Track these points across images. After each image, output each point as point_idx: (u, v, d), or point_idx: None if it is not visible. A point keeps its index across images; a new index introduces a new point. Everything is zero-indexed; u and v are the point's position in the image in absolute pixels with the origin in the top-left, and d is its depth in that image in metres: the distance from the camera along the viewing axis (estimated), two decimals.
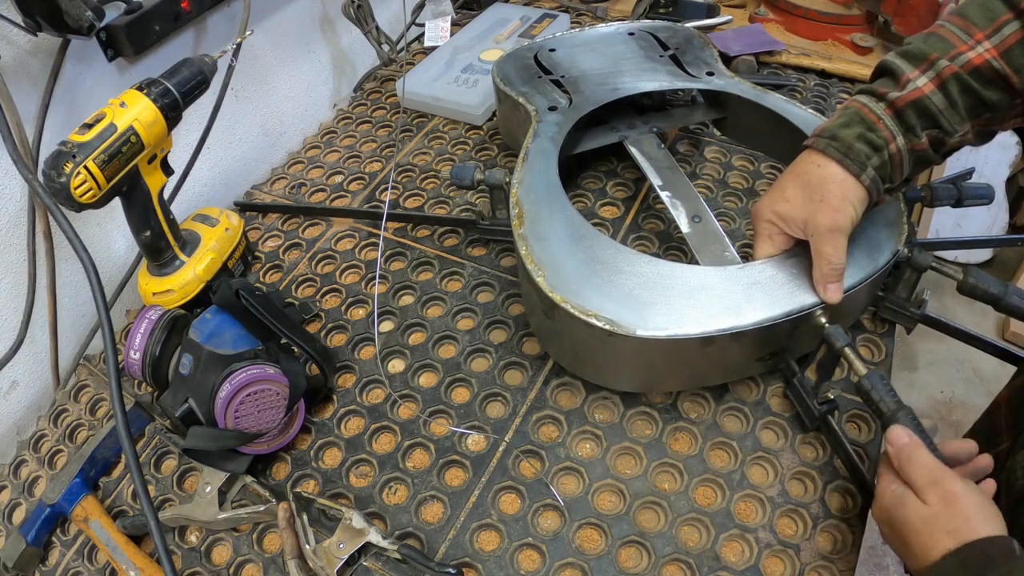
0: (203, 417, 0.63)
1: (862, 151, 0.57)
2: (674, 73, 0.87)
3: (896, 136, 0.57)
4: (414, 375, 0.73)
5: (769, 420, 0.65)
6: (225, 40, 0.89)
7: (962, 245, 0.88)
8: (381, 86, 1.17)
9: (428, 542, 0.60)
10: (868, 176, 0.57)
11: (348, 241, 0.90)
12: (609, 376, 0.66)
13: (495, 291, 0.80)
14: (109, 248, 0.85)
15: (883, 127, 0.57)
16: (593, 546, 0.59)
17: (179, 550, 0.63)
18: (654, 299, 0.60)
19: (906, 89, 0.57)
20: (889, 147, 0.57)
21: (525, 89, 0.87)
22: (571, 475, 0.63)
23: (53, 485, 0.65)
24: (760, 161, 0.93)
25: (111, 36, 0.75)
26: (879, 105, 0.58)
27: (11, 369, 0.77)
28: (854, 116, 0.59)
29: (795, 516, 0.59)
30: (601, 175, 0.93)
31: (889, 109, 0.57)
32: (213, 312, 0.68)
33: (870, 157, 0.57)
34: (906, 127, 0.57)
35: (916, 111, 0.57)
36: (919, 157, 0.59)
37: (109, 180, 0.63)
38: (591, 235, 0.65)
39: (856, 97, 0.60)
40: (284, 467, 0.67)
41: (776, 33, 1.16)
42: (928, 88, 0.56)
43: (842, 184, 0.58)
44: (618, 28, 0.97)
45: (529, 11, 1.24)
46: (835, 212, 0.57)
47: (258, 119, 1.02)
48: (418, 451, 0.67)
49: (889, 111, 0.57)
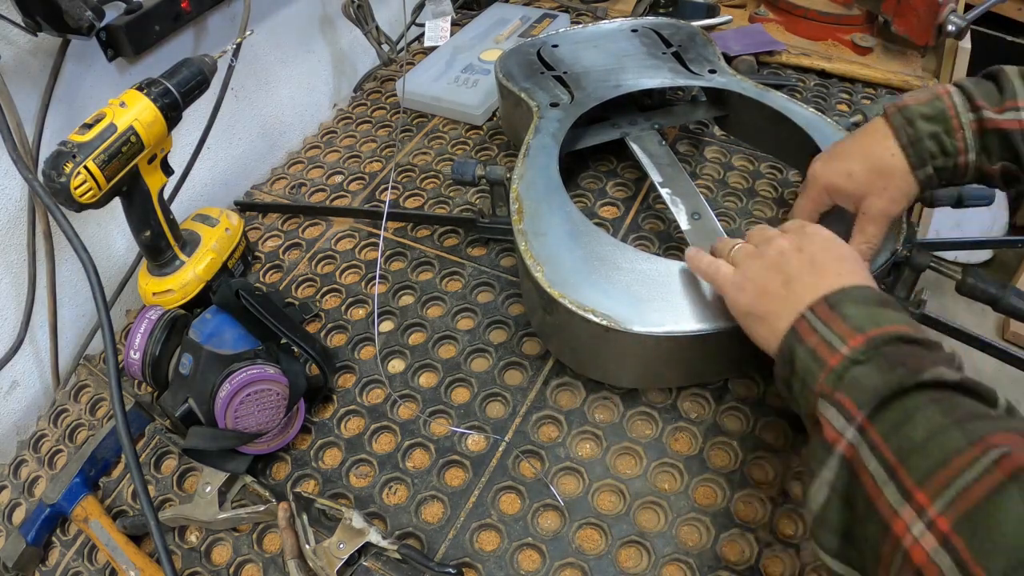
0: (203, 417, 0.63)
1: (929, 149, 0.56)
2: (676, 70, 0.87)
3: (969, 152, 0.55)
4: (414, 375, 0.73)
5: (769, 420, 0.65)
6: (225, 40, 0.89)
7: (962, 245, 0.88)
8: (381, 86, 1.17)
9: (428, 542, 0.60)
10: (925, 173, 0.57)
11: (348, 241, 0.90)
12: (608, 372, 0.66)
13: (495, 291, 0.80)
14: (109, 248, 0.85)
15: (960, 138, 0.55)
16: (593, 546, 0.59)
17: (179, 550, 0.63)
18: (652, 296, 0.60)
19: (1005, 115, 0.53)
20: (958, 157, 0.56)
21: (527, 85, 0.87)
22: (571, 475, 0.63)
23: (53, 485, 0.65)
24: (760, 161, 0.93)
25: (111, 36, 0.75)
26: (969, 115, 0.55)
27: (11, 369, 0.78)
28: (939, 113, 0.56)
29: (795, 516, 0.59)
30: (601, 175, 0.93)
31: (976, 124, 0.55)
32: (213, 312, 0.68)
33: (935, 158, 0.56)
34: (984, 148, 0.55)
35: (1001, 140, 0.54)
36: (983, 177, 0.57)
37: (109, 180, 0.63)
38: (590, 231, 0.65)
39: (953, 92, 0.56)
40: (284, 467, 0.67)
41: (776, 33, 1.16)
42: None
43: (905, 179, 0.58)
44: (621, 25, 0.97)
45: (529, 11, 1.24)
46: (892, 202, 0.58)
47: (258, 119, 1.02)
48: (418, 451, 0.67)
49: (975, 125, 0.55)
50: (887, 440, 0.37)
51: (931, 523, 0.33)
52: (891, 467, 0.36)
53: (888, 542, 0.35)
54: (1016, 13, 1.92)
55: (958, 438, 0.35)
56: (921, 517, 0.33)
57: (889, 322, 0.43)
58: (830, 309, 0.45)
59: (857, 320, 0.43)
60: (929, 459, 0.35)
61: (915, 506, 0.34)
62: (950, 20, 0.99)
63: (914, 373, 0.38)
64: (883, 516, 0.35)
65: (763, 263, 0.52)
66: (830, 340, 0.43)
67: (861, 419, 0.39)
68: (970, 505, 0.32)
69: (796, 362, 0.45)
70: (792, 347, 0.46)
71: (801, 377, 0.44)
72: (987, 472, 0.33)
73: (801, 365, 0.44)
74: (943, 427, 0.36)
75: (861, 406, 0.39)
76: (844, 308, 0.45)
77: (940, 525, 0.33)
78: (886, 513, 0.35)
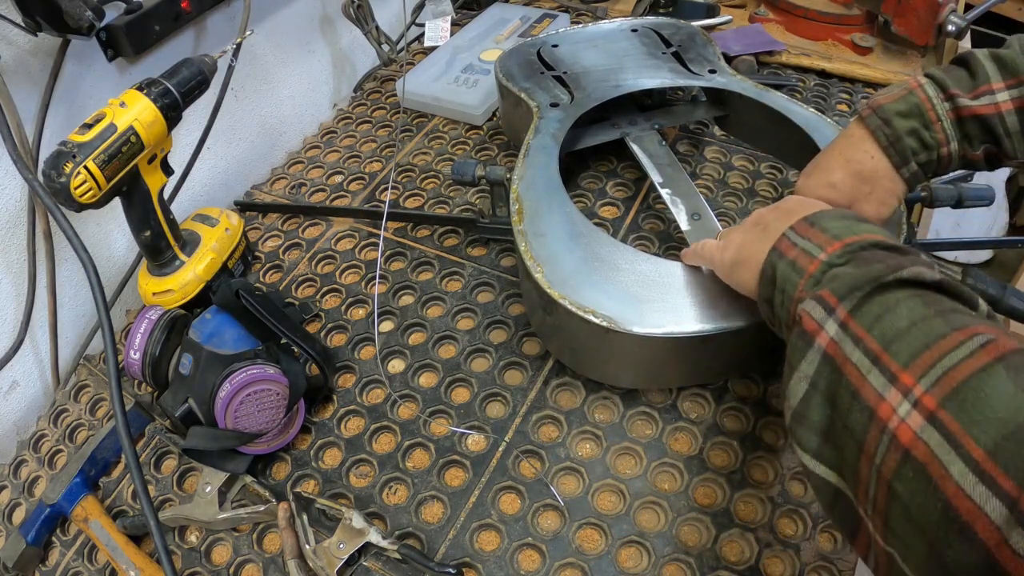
0: (203, 417, 0.63)
1: (910, 146, 0.56)
2: (676, 70, 0.87)
3: (951, 141, 0.55)
4: (414, 375, 0.73)
5: (769, 420, 0.65)
6: (225, 40, 0.89)
7: (962, 246, 0.88)
8: (381, 86, 1.17)
9: (428, 542, 0.60)
10: (909, 171, 0.57)
11: (348, 241, 0.90)
12: (608, 373, 0.66)
13: (495, 291, 0.80)
14: (109, 248, 0.85)
15: (939, 129, 0.55)
16: (593, 546, 0.59)
17: (179, 550, 0.63)
18: (652, 296, 0.60)
19: (980, 100, 0.53)
20: (940, 149, 0.55)
21: (527, 85, 0.87)
22: (571, 475, 0.63)
23: (53, 485, 0.65)
24: (760, 161, 0.93)
25: (111, 36, 0.75)
26: (944, 105, 0.55)
27: (11, 369, 0.77)
28: (914, 108, 0.55)
29: (795, 516, 0.59)
30: (601, 175, 0.93)
31: (952, 113, 0.54)
32: (213, 312, 0.68)
33: (917, 154, 0.56)
34: (964, 136, 0.55)
35: (980, 126, 0.54)
36: (968, 163, 0.57)
37: (109, 180, 0.63)
38: (590, 232, 0.65)
39: (925, 84, 0.56)
40: (284, 467, 0.67)
41: (776, 33, 1.16)
42: (1006, 107, 0.52)
43: (891, 180, 0.57)
44: (621, 24, 0.97)
45: (529, 11, 1.24)
46: (881, 205, 0.58)
47: (258, 119, 1.02)
48: (418, 451, 0.67)
49: (952, 115, 0.54)
50: (870, 331, 0.36)
51: (917, 402, 0.32)
52: (875, 354, 0.35)
53: (874, 429, 0.34)
54: (1016, 13, 1.92)
55: (941, 325, 0.34)
56: (907, 397, 0.33)
57: (867, 232, 0.43)
58: (810, 226, 0.45)
59: (835, 230, 0.44)
60: (913, 344, 0.34)
61: (900, 388, 0.33)
62: (950, 20, 0.99)
63: (894, 270, 0.38)
64: (868, 403, 0.35)
65: (742, 227, 0.54)
66: (809, 250, 0.43)
67: (843, 314, 0.38)
68: (957, 383, 0.32)
69: (777, 276, 0.45)
70: (773, 263, 0.46)
71: (781, 288, 0.44)
72: (973, 355, 0.32)
73: (781, 276, 0.45)
74: (925, 316, 0.35)
75: (841, 298, 0.38)
76: (823, 222, 0.45)
77: (926, 403, 0.32)
78: (872, 400, 0.34)
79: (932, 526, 0.30)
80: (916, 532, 0.31)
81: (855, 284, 0.38)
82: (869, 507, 0.34)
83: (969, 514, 0.29)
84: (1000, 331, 0.34)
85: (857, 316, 0.38)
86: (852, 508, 0.36)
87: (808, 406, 0.39)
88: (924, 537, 0.31)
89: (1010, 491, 0.28)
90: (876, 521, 0.34)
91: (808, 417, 0.39)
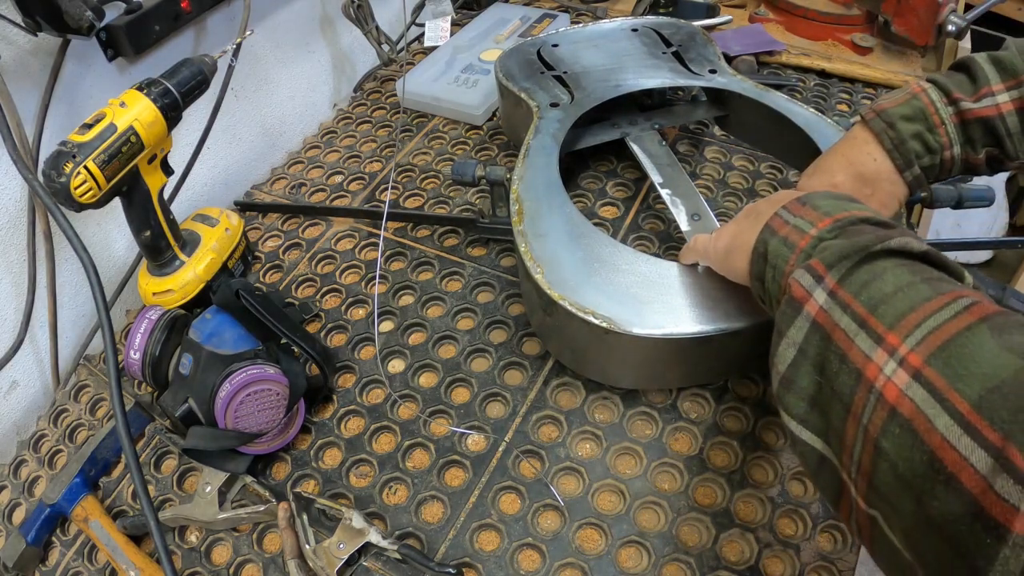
0: (203, 417, 0.63)
1: (914, 149, 0.56)
2: (676, 70, 0.87)
3: (954, 145, 0.56)
4: (414, 375, 0.73)
5: (769, 420, 0.65)
6: (225, 40, 0.89)
7: (962, 246, 0.88)
8: (381, 86, 1.17)
9: (428, 542, 0.60)
10: (912, 174, 0.57)
11: (348, 241, 0.90)
12: (607, 373, 0.66)
13: (495, 291, 0.80)
14: (109, 248, 0.85)
15: (943, 133, 0.56)
16: (593, 546, 0.59)
17: (179, 550, 0.63)
18: (652, 297, 0.60)
19: (982, 102, 0.54)
20: (944, 153, 0.56)
21: (527, 85, 0.87)
22: (571, 475, 0.63)
23: (53, 485, 0.65)
24: (760, 161, 0.93)
25: (111, 36, 0.75)
26: (947, 109, 0.56)
27: (11, 369, 0.77)
28: (918, 112, 0.56)
29: (795, 516, 0.59)
30: (601, 175, 0.93)
31: (956, 117, 0.55)
32: (213, 312, 0.68)
33: (920, 157, 0.56)
34: (967, 139, 0.56)
35: (983, 128, 0.55)
36: (969, 167, 0.57)
37: (109, 180, 0.63)
38: (590, 233, 0.65)
39: (928, 88, 0.57)
40: (284, 467, 0.67)
41: (776, 33, 1.16)
42: (1007, 107, 0.53)
43: (892, 183, 0.58)
44: (621, 24, 0.97)
45: (529, 11, 1.24)
46: (881, 207, 0.58)
47: (258, 119, 1.02)
48: (418, 451, 0.67)
49: (955, 119, 0.55)
50: (857, 296, 0.37)
51: (903, 360, 0.33)
52: (861, 318, 0.36)
53: (861, 389, 0.35)
54: (1016, 13, 1.92)
55: (927, 290, 0.35)
56: (893, 356, 0.34)
57: (857, 209, 0.44)
58: (801, 205, 0.46)
59: (826, 208, 0.44)
60: (899, 306, 0.35)
61: (887, 348, 0.34)
62: (950, 20, 0.99)
63: (881, 240, 0.39)
64: (856, 365, 0.35)
65: (735, 219, 0.54)
66: (800, 226, 0.44)
67: (831, 283, 0.39)
68: (942, 341, 0.32)
69: (768, 252, 0.46)
70: (765, 240, 0.46)
71: (772, 264, 0.45)
72: (957, 316, 0.33)
73: (773, 252, 0.45)
74: (912, 283, 0.36)
75: (830, 267, 0.39)
76: (814, 201, 0.46)
77: (912, 361, 0.33)
78: (859, 361, 0.35)
79: (918, 480, 0.31)
80: (903, 488, 0.32)
81: (843, 254, 0.39)
82: (853, 469, 0.35)
83: (955, 465, 0.29)
84: (984, 296, 0.34)
85: (845, 284, 0.38)
86: (836, 474, 0.37)
87: (797, 372, 0.40)
88: (911, 492, 0.31)
89: (995, 441, 0.28)
90: (860, 483, 0.35)
91: (796, 383, 0.40)
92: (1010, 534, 0.27)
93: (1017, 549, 0.27)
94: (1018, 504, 0.27)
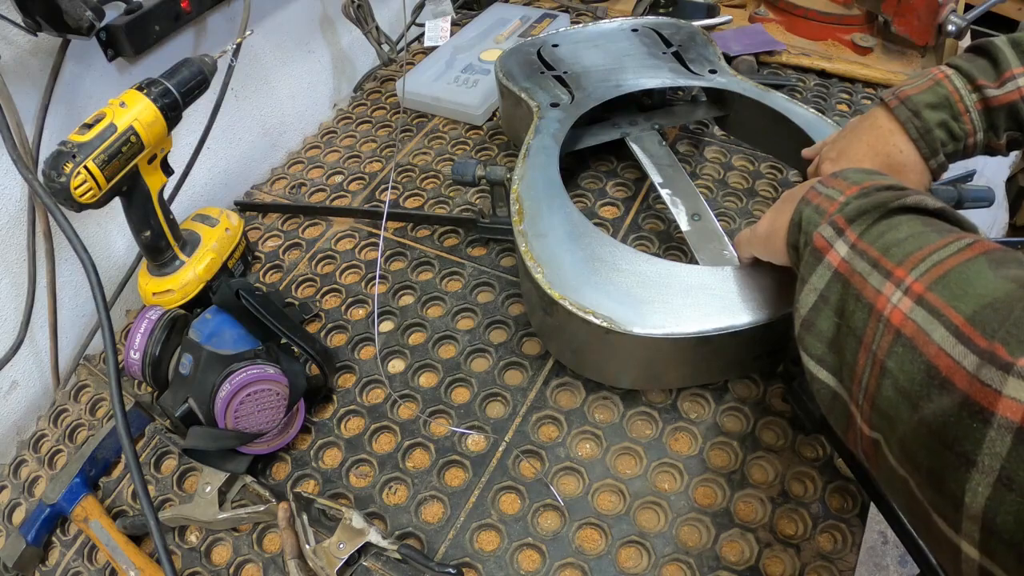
0: (203, 417, 0.63)
1: (939, 138, 0.57)
2: (676, 70, 0.87)
3: (978, 132, 0.56)
4: (414, 375, 0.73)
5: (769, 420, 0.65)
6: (225, 40, 0.89)
7: None
8: (381, 86, 1.17)
9: (428, 542, 0.60)
10: (937, 161, 0.58)
11: (348, 241, 0.90)
12: (608, 373, 0.66)
13: (495, 291, 0.80)
14: (109, 248, 0.85)
15: (968, 120, 0.56)
16: (593, 546, 0.59)
17: (179, 550, 0.63)
18: (652, 297, 0.60)
19: (1005, 87, 0.54)
20: (967, 139, 0.57)
21: (527, 85, 0.87)
22: (571, 475, 0.63)
23: (53, 485, 0.65)
24: (760, 161, 0.93)
25: (111, 36, 0.75)
26: (972, 96, 0.56)
27: (11, 369, 0.77)
28: (943, 99, 0.56)
29: (795, 516, 0.59)
30: (601, 175, 0.93)
31: (981, 103, 0.55)
32: (213, 312, 0.68)
33: (945, 145, 0.57)
34: (990, 125, 0.56)
35: (1007, 114, 0.55)
36: (989, 151, 0.58)
37: (109, 180, 0.63)
38: (590, 233, 0.65)
39: (952, 75, 0.57)
40: (284, 467, 0.67)
41: (776, 33, 1.16)
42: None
43: (918, 172, 0.58)
44: (621, 24, 0.97)
45: (529, 11, 1.24)
46: None
47: (258, 119, 1.02)
48: (418, 451, 0.67)
49: (980, 105, 0.56)
50: (872, 244, 0.41)
51: (908, 288, 0.36)
52: (874, 260, 0.40)
53: (872, 320, 0.38)
54: (1016, 13, 1.92)
55: (934, 236, 0.39)
56: (899, 287, 0.37)
57: (882, 179, 0.46)
58: (834, 178, 0.48)
59: (856, 179, 0.47)
60: (907, 247, 0.39)
61: (894, 280, 0.37)
62: (950, 20, 0.99)
63: (898, 198, 0.42)
64: (869, 300, 0.39)
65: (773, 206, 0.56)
66: (831, 195, 0.46)
67: (853, 236, 0.42)
68: (944, 271, 0.36)
69: (803, 221, 0.47)
70: (800, 211, 0.48)
71: (805, 231, 0.47)
72: (959, 251, 0.36)
73: (806, 220, 0.47)
74: (923, 232, 0.40)
75: (851, 221, 0.42)
76: (846, 174, 0.48)
77: (916, 288, 0.36)
78: (871, 296, 0.38)
79: (916, 387, 0.34)
80: (902, 399, 0.35)
81: (864, 210, 0.42)
82: (860, 396, 0.38)
83: (948, 370, 0.32)
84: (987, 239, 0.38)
85: (864, 237, 0.42)
86: (846, 407, 0.40)
87: (817, 315, 0.43)
88: (909, 401, 0.34)
89: (985, 347, 0.31)
90: (865, 408, 0.38)
91: (816, 326, 0.43)
92: (995, 416, 0.29)
93: (1002, 431, 0.28)
94: (1000, 388, 0.29)
